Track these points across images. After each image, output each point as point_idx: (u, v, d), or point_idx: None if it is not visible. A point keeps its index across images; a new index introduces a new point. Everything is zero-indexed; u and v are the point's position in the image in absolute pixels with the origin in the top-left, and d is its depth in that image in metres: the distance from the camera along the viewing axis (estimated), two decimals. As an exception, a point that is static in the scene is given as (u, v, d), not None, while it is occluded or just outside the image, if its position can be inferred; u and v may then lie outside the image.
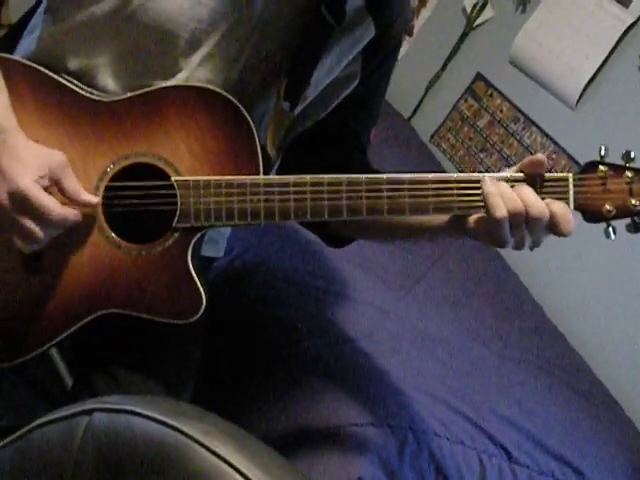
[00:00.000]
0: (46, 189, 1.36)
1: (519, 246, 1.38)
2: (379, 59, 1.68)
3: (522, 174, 1.39)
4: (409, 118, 4.57)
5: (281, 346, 2.07)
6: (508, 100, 3.96)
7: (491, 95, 4.07)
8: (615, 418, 2.75)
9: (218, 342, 2.04)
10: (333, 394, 1.95)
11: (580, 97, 3.51)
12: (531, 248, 1.40)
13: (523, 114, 3.83)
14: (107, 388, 1.60)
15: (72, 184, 1.39)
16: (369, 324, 2.32)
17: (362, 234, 1.70)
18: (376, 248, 2.73)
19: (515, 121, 3.86)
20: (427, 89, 4.50)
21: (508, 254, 3.52)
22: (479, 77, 4.19)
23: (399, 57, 1.77)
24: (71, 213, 1.38)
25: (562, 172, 3.10)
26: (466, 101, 4.22)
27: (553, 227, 1.35)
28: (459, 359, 2.45)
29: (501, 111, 3.97)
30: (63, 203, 1.38)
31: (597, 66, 3.46)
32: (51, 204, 1.34)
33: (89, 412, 0.98)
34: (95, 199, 1.42)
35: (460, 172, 4.06)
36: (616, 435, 2.60)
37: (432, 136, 4.36)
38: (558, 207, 1.35)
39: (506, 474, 2.09)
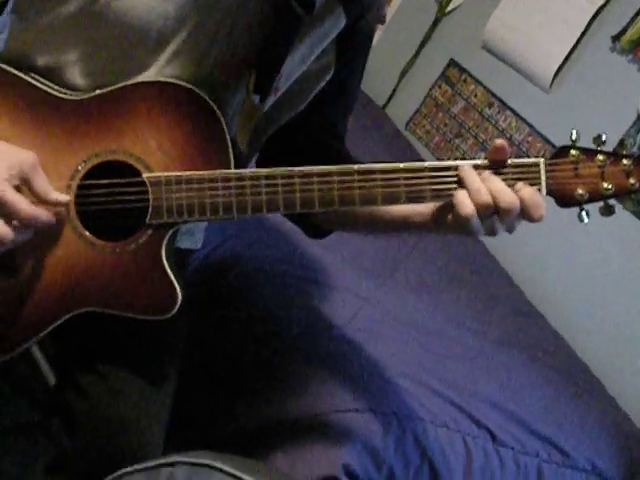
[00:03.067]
0: (16, 188, 1.34)
1: (492, 234, 1.38)
2: (353, 49, 1.67)
3: (491, 162, 1.38)
4: (384, 106, 4.57)
5: (261, 336, 2.07)
6: (482, 85, 3.97)
7: (465, 80, 4.08)
8: (597, 396, 2.77)
9: (199, 334, 2.04)
10: (315, 382, 1.95)
11: (553, 80, 3.52)
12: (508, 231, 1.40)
13: (497, 98, 3.84)
14: (93, 385, 1.60)
15: (42, 184, 1.37)
16: (350, 311, 2.32)
17: (344, 226, 1.69)
18: (355, 236, 2.73)
19: (489, 105, 3.87)
20: (401, 77, 4.50)
21: (487, 238, 3.52)
22: (452, 63, 4.20)
23: (372, 46, 1.76)
24: (41, 212, 1.35)
25: (538, 155, 3.12)
26: (440, 87, 4.23)
27: (523, 213, 1.35)
28: (441, 343, 2.45)
29: (475, 96, 3.98)
30: (34, 203, 1.36)
31: (569, 48, 3.47)
32: (20, 202, 1.31)
33: (172, 464, 1.00)
34: (65, 198, 1.40)
35: (437, 158, 4.07)
36: (599, 414, 2.62)
37: (407, 124, 4.36)
38: (527, 193, 1.34)
39: (491, 456, 2.11)
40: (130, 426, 1.59)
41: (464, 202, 1.33)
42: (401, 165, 1.38)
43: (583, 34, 3.43)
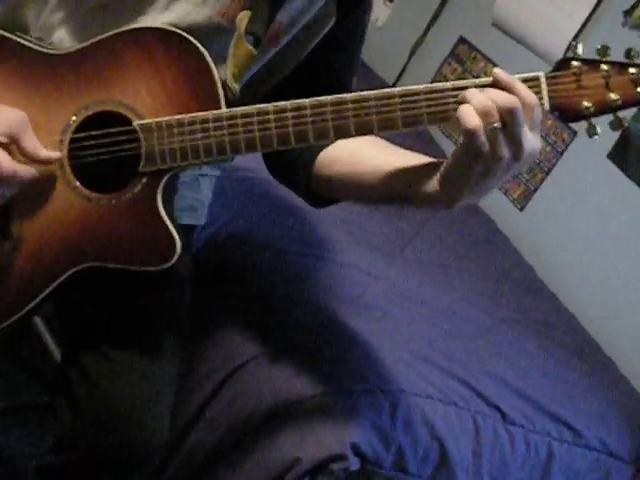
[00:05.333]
0: (5, 147, 1.34)
1: (495, 156, 1.27)
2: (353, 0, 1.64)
3: (491, 79, 1.30)
4: (393, 84, 4.53)
5: (268, 314, 2.06)
6: (492, 62, 3.93)
7: (474, 58, 4.05)
8: (610, 376, 2.75)
9: (204, 313, 2.03)
10: (322, 361, 1.95)
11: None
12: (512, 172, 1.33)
13: (508, 76, 3.80)
14: (95, 366, 1.60)
15: (31, 143, 1.37)
16: (358, 289, 2.31)
17: (345, 193, 1.64)
18: (363, 213, 2.72)
19: (500, 83, 3.83)
20: (410, 55, 4.47)
21: (497, 215, 3.51)
22: (462, 40, 4.17)
23: (381, 25, 1.73)
24: (24, 169, 1.36)
25: (554, 135, 3.07)
26: (450, 65, 4.20)
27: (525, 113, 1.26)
28: (450, 321, 2.44)
29: (485, 73, 3.89)
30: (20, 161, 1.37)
31: (580, 24, 3.43)
32: (2, 157, 1.32)
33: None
34: (56, 154, 1.40)
35: (447, 137, 4.03)
36: (611, 393, 2.60)
37: (417, 102, 4.33)
38: (523, 89, 1.26)
39: (501, 434, 2.09)
40: (133, 407, 1.59)
41: (471, 114, 1.25)
42: (396, 90, 1.33)
43: (594, 9, 3.39)
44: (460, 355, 2.26)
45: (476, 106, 1.26)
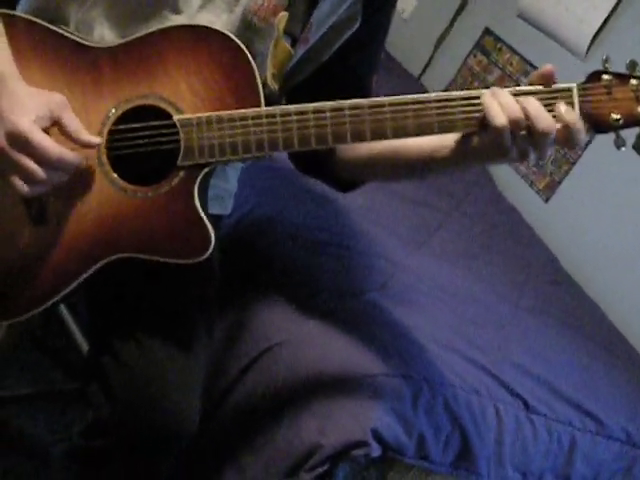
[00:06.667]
0: (47, 131, 1.37)
1: (523, 157, 1.36)
2: (379, 1, 1.66)
3: (529, 87, 1.37)
4: (419, 76, 4.54)
5: (293, 301, 2.07)
6: (517, 54, 3.93)
7: (500, 49, 4.04)
8: (633, 366, 2.74)
9: (230, 300, 2.04)
10: (346, 346, 1.95)
11: (589, 47, 3.47)
12: (537, 161, 1.38)
13: (533, 67, 3.80)
14: (129, 353, 1.61)
15: (73, 123, 1.40)
16: (382, 277, 2.31)
17: (370, 173, 1.68)
18: (389, 203, 2.73)
19: (525, 74, 3.82)
20: (436, 46, 4.47)
21: (522, 206, 3.50)
22: (487, 32, 4.16)
23: (407, 16, 1.75)
24: (69, 153, 1.38)
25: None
26: (475, 57, 4.19)
27: (565, 139, 1.33)
28: (474, 310, 2.45)
29: (511, 65, 3.94)
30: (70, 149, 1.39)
31: (605, 15, 3.42)
32: (48, 143, 1.34)
33: None
34: (97, 139, 1.42)
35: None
36: (634, 383, 2.59)
37: (443, 93, 4.33)
38: (571, 117, 1.33)
39: (523, 423, 2.09)
40: (165, 391, 1.60)
41: (499, 113, 1.32)
42: (432, 95, 1.38)
43: (619, 0, 3.38)
44: (483, 344, 2.26)
45: (506, 110, 1.32)
